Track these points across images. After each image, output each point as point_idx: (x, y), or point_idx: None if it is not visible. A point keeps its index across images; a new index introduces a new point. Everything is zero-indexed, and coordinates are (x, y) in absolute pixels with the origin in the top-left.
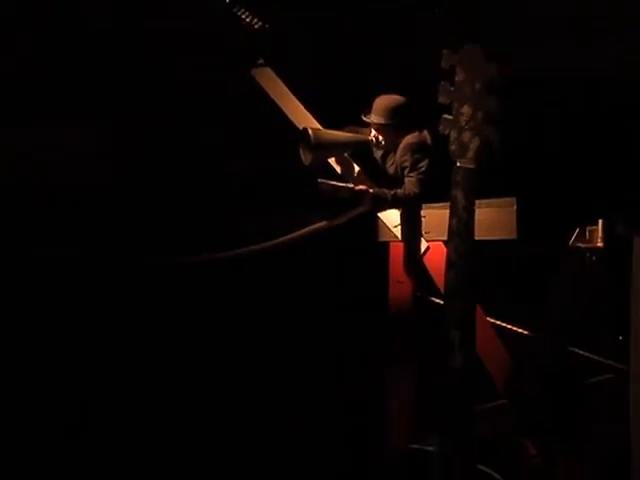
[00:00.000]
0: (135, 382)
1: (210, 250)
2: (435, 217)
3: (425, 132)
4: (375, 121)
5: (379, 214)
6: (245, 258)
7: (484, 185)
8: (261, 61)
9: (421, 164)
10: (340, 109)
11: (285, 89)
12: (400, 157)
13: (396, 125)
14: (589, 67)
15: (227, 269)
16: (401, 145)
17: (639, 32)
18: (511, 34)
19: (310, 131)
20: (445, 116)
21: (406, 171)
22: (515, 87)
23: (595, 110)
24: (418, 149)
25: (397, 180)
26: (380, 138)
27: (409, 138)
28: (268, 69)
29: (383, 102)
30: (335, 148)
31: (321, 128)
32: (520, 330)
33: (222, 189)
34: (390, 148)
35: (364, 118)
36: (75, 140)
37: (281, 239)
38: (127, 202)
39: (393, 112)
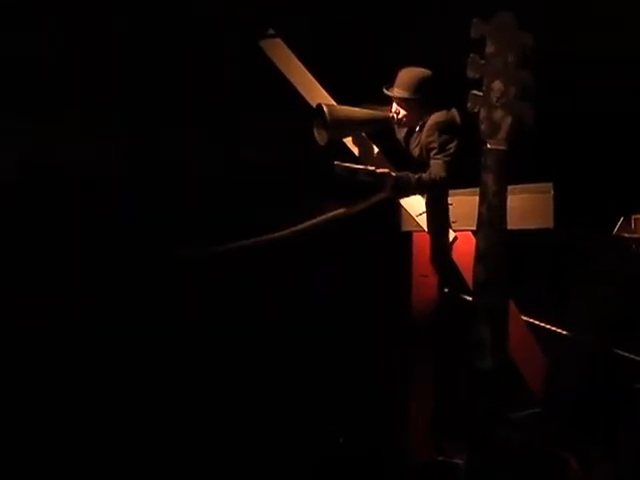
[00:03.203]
0: (146, 377)
1: (221, 241)
2: (463, 204)
3: (453, 110)
4: (398, 95)
5: (402, 201)
6: (256, 248)
7: (517, 169)
8: (271, 32)
9: (449, 145)
10: (358, 85)
11: (297, 62)
12: (426, 137)
13: (422, 100)
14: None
15: (237, 260)
16: (427, 124)
17: None
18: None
19: (325, 108)
20: (474, 92)
21: (432, 153)
22: (551, 62)
23: None
24: (446, 129)
25: (422, 163)
26: (402, 115)
27: (436, 116)
28: (278, 40)
29: (408, 75)
30: (353, 126)
31: (336, 105)
32: (557, 328)
33: (234, 176)
34: (414, 127)
35: (386, 91)
36: (91, 130)
37: (295, 228)
38: (139, 194)
39: (419, 86)
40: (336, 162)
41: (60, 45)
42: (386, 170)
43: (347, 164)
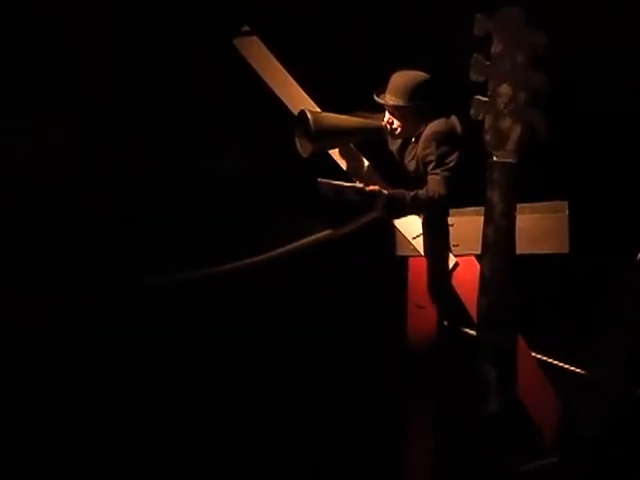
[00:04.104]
0: (146, 378)
1: (194, 264)
2: (466, 225)
3: (454, 118)
4: (391, 103)
5: (395, 222)
6: (234, 274)
7: (528, 184)
8: (246, 29)
9: (449, 158)
10: (346, 90)
11: (276, 63)
12: (423, 150)
13: (417, 108)
14: None
15: (213, 286)
16: (424, 134)
17: None
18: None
19: (309, 115)
20: (478, 97)
21: (430, 167)
22: (565, 63)
23: None
24: (445, 140)
25: (418, 179)
26: (396, 124)
27: (434, 126)
28: (255, 38)
29: (402, 79)
30: (340, 136)
31: (321, 111)
32: (573, 367)
33: (206, 191)
34: (409, 137)
35: (377, 99)
36: (43, 131)
37: (276, 252)
38: (139, 194)
39: (413, 91)
40: (320, 179)
41: (60, 45)
42: (377, 187)
43: (332, 181)
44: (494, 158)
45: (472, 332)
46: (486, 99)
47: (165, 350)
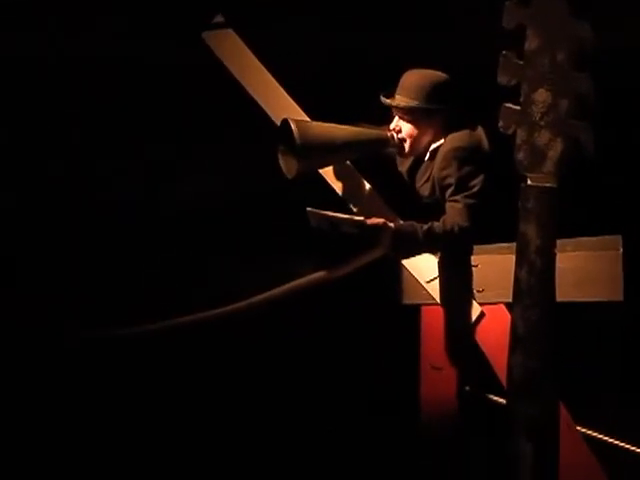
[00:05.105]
0: (145, 378)
1: (158, 312)
2: (493, 266)
3: (479, 131)
4: (402, 104)
5: (404, 262)
6: (209, 323)
7: (570, 215)
8: (219, 19)
9: (472, 182)
10: (342, 95)
11: (255, 62)
12: (440, 170)
13: (433, 113)
14: None
15: (185, 337)
16: (441, 150)
17: None
18: None
19: (294, 125)
20: (508, 105)
21: (449, 192)
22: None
23: None
24: (468, 158)
25: (433, 206)
26: (406, 133)
27: (454, 140)
28: (230, 32)
29: (416, 77)
30: (333, 151)
31: (310, 121)
32: (626, 444)
33: (167, 223)
34: (423, 153)
35: (384, 100)
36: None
37: (260, 297)
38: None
39: (430, 93)
40: (309, 208)
41: (60, 45)
42: (381, 220)
43: (325, 212)
44: (528, 182)
45: (501, 400)
46: (518, 107)
47: (164, 350)
